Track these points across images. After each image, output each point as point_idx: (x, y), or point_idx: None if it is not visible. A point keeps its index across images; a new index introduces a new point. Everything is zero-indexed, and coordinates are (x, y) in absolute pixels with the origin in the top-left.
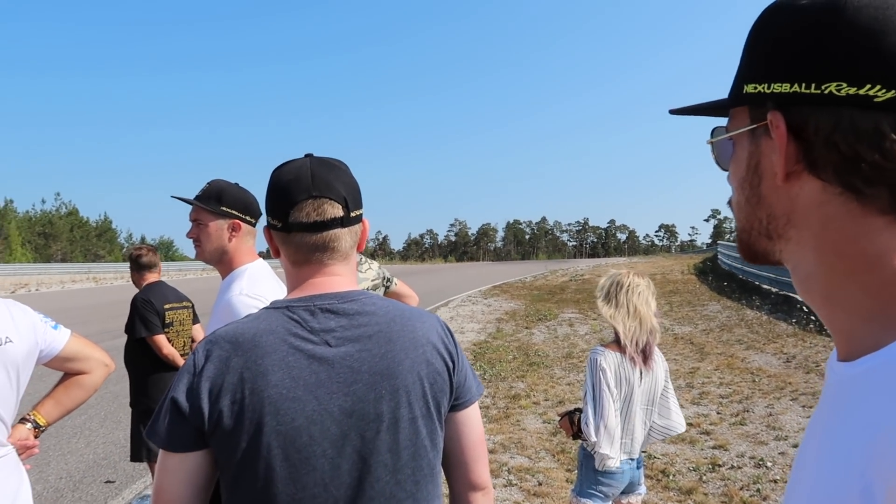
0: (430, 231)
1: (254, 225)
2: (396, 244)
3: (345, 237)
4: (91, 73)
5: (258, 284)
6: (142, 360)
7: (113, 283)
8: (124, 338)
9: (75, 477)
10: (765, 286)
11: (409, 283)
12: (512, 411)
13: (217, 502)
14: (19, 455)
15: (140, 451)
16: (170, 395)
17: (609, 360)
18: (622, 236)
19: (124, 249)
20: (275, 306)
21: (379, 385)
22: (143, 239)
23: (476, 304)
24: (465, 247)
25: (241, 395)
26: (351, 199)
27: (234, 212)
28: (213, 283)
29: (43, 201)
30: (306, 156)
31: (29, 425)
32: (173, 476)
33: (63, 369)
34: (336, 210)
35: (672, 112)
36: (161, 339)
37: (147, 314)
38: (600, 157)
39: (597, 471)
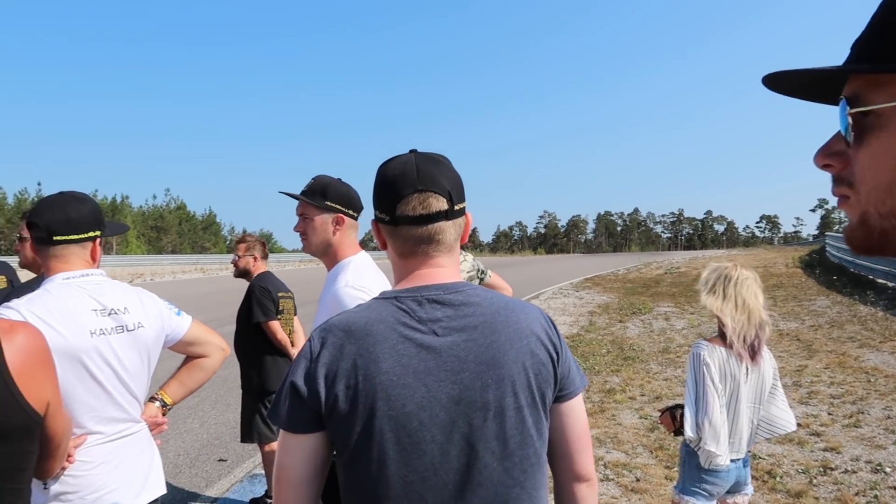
0: (520, 223)
1: (356, 218)
2: (485, 236)
3: (449, 230)
4: (199, 76)
5: (363, 276)
6: (256, 346)
7: (218, 273)
8: (232, 325)
9: (192, 454)
10: (880, 280)
11: (501, 275)
12: (607, 406)
13: (333, 481)
14: (150, 431)
15: (251, 433)
16: (289, 379)
17: (713, 355)
18: (720, 228)
19: (227, 241)
20: (384, 297)
21: (485, 374)
22: (244, 231)
23: (567, 297)
24: (554, 238)
25: (354, 381)
26: (454, 192)
27: (338, 206)
28: (309, 274)
29: (154, 196)
30: (411, 151)
31: (157, 404)
32: (293, 455)
33: (185, 352)
34: (441, 203)
35: (769, 82)
36: (276, 325)
37: (265, 300)
38: (696, 145)
39: (701, 468)
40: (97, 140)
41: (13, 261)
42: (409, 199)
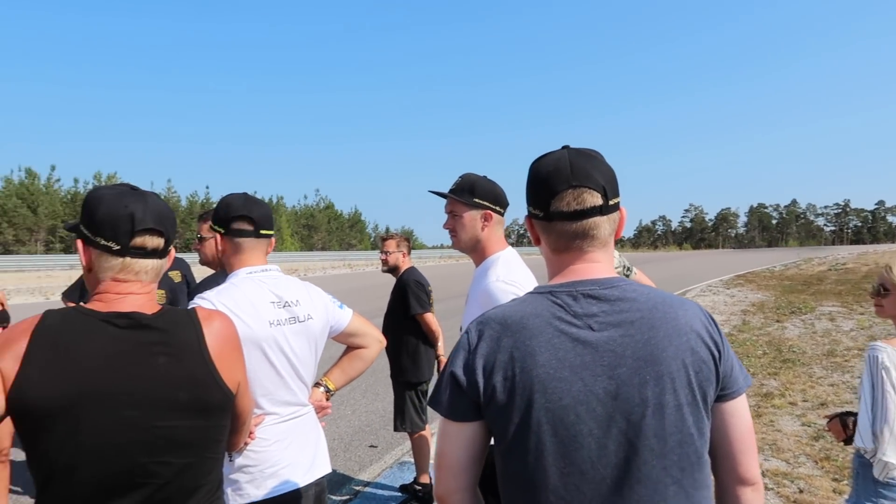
0: (663, 217)
1: (502, 214)
2: (627, 231)
3: (604, 225)
4: (343, 79)
5: (512, 271)
6: (409, 338)
7: (364, 269)
8: (380, 318)
9: (345, 440)
10: None
11: (645, 271)
12: (764, 410)
13: (490, 468)
14: (316, 414)
15: (404, 422)
16: (449, 369)
17: (893, 358)
18: (894, 219)
19: (372, 238)
20: (538, 291)
21: (643, 370)
22: (387, 229)
23: (717, 295)
24: (701, 233)
25: (511, 373)
26: (609, 187)
27: (485, 203)
28: (448, 270)
29: (305, 197)
30: (563, 147)
31: (322, 389)
32: (453, 441)
33: (346, 343)
34: (595, 199)
35: None
36: (431, 317)
37: (420, 294)
38: (864, 132)
39: (877, 481)
40: (255, 142)
41: (188, 258)
42: (563, 194)
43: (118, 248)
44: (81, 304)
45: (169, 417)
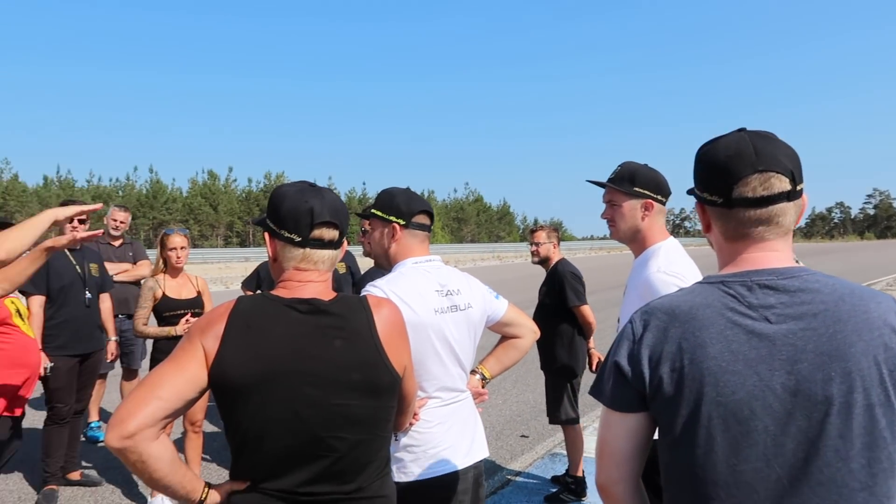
0: (841, 204)
1: (664, 203)
2: None
3: (790, 212)
4: (491, 73)
5: (674, 262)
6: (565, 328)
7: (513, 261)
8: (528, 310)
9: (496, 428)
10: None
11: (819, 263)
12: None
13: (653, 460)
14: (473, 400)
15: (559, 414)
16: (612, 358)
17: None
18: None
19: (520, 230)
20: (708, 281)
21: (827, 366)
22: (535, 221)
23: None
24: (887, 221)
25: (679, 365)
26: (796, 171)
27: (646, 192)
28: (598, 262)
29: (455, 190)
30: (739, 130)
31: (478, 376)
32: (616, 431)
33: (501, 332)
34: (783, 184)
35: None
36: (588, 309)
37: (577, 285)
38: None
39: None
40: (407, 138)
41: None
42: (749, 179)
43: (299, 239)
44: (268, 291)
45: (344, 396)
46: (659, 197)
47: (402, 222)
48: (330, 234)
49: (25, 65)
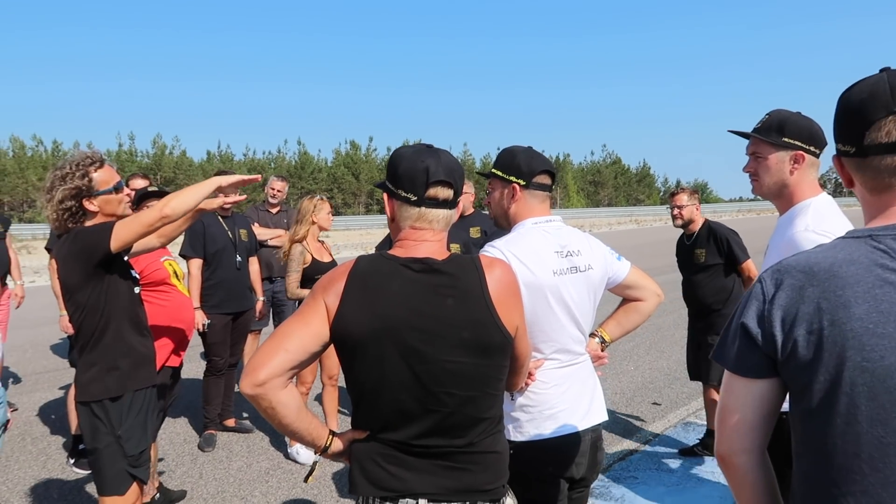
0: None
1: (818, 156)
2: None
3: None
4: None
5: (825, 220)
6: (736, 286)
7: (652, 224)
8: (667, 275)
9: (627, 395)
10: None
11: None
12: None
13: (778, 431)
14: (592, 363)
15: (708, 373)
16: (739, 320)
17: None
18: None
19: (661, 193)
20: (853, 235)
21: None
22: (678, 182)
23: None
24: None
25: (818, 326)
26: None
27: (796, 142)
28: (747, 224)
29: (592, 153)
30: (882, 70)
31: (597, 340)
32: (740, 399)
33: (623, 295)
34: None
35: None
36: (752, 263)
37: (741, 241)
38: None
39: None
40: (542, 100)
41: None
42: (881, 123)
43: (415, 198)
44: (386, 251)
45: (454, 353)
46: (811, 148)
47: (522, 182)
48: (444, 193)
49: (188, 41)
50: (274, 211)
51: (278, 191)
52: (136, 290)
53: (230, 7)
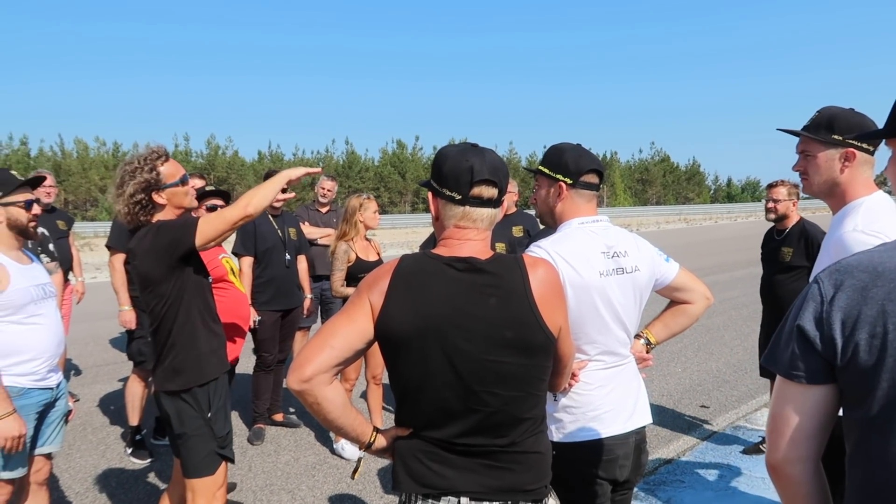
0: None
1: (872, 153)
2: None
3: None
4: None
5: (877, 219)
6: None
7: (702, 223)
8: (714, 276)
9: (674, 397)
10: None
11: None
12: None
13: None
14: (637, 365)
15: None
16: (794, 323)
17: None
18: None
19: (712, 191)
20: None
21: None
22: (729, 181)
23: None
24: None
25: (882, 330)
26: None
27: (847, 139)
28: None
29: (640, 150)
30: None
31: (643, 341)
32: (794, 406)
33: (670, 297)
34: None
35: None
36: None
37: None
38: None
39: None
40: (589, 96)
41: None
42: None
43: (459, 197)
44: (430, 250)
45: (497, 353)
46: (864, 145)
47: (568, 181)
48: (489, 192)
49: (243, 40)
50: (324, 210)
51: (328, 190)
52: (209, 280)
53: (278, 4)
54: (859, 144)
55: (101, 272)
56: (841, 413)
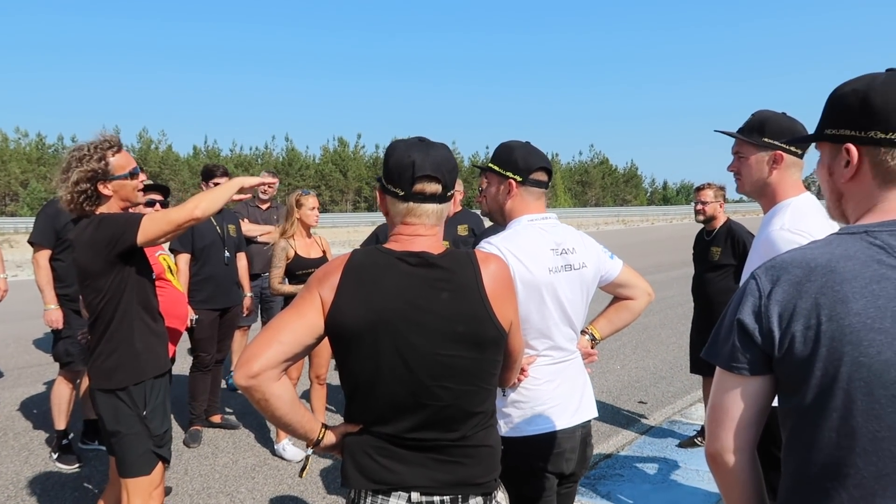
0: None
1: (800, 156)
2: None
3: None
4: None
5: (803, 219)
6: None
7: (639, 224)
8: (652, 276)
9: (613, 393)
10: None
11: None
12: None
13: (767, 429)
14: (583, 360)
15: (701, 365)
16: (733, 317)
17: None
18: None
19: (648, 193)
20: (848, 231)
21: None
22: (665, 184)
23: None
24: None
25: (816, 322)
26: None
27: (776, 142)
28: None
29: (580, 153)
30: (888, 70)
31: (588, 337)
32: (732, 396)
33: (614, 293)
34: None
35: None
36: None
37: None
38: None
39: None
40: (531, 98)
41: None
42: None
43: (402, 193)
44: (382, 244)
45: (449, 347)
46: (792, 148)
47: (518, 179)
48: (431, 187)
49: (176, 32)
50: (264, 207)
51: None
52: (153, 277)
53: None
54: (787, 147)
55: (22, 269)
56: (776, 403)
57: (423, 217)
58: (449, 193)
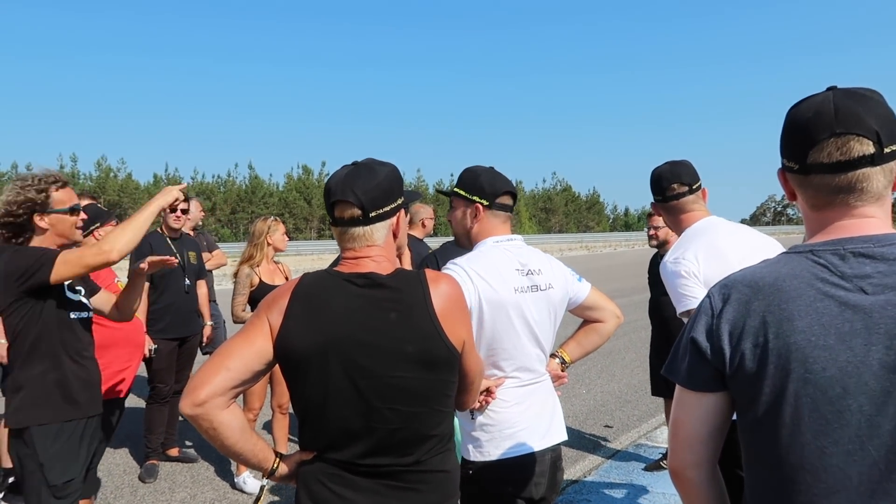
0: None
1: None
2: None
3: (876, 176)
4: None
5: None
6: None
7: (602, 250)
8: (617, 300)
9: (580, 418)
10: None
11: None
12: None
13: (730, 443)
14: (553, 383)
15: (664, 388)
16: (688, 335)
17: None
18: None
19: (610, 220)
20: (795, 251)
21: None
22: (626, 210)
23: None
24: None
25: (764, 339)
26: (885, 132)
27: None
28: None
29: (544, 180)
30: (829, 89)
31: (557, 360)
32: (690, 413)
33: (583, 316)
34: (865, 147)
35: None
36: None
37: None
38: None
39: None
40: (493, 126)
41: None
42: (824, 144)
43: (330, 219)
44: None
45: (399, 368)
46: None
47: (485, 203)
48: (348, 211)
49: (136, 60)
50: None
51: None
52: (75, 315)
53: (177, 28)
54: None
55: None
56: (735, 418)
57: (351, 241)
58: (373, 214)
